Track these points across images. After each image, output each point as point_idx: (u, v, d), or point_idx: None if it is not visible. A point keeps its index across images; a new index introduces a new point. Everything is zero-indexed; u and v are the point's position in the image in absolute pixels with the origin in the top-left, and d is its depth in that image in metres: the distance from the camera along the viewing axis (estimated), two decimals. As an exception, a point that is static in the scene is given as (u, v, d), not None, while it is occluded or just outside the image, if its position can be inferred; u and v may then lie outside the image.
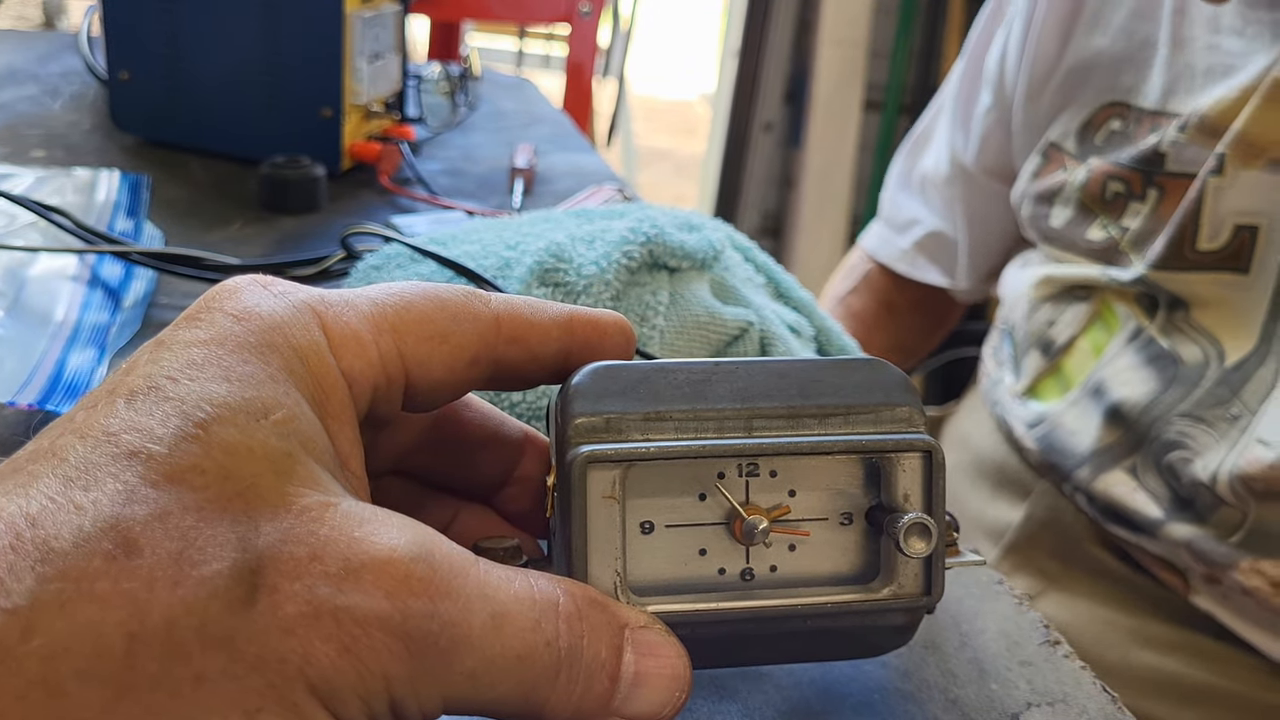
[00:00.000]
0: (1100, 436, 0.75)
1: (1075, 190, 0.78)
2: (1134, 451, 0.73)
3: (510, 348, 0.29)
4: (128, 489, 0.21)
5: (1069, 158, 0.80)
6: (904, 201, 1.05)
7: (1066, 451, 0.77)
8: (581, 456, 0.27)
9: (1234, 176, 0.67)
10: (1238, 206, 0.68)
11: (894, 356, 1.08)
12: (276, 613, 0.21)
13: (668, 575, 0.29)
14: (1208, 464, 0.68)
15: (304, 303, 0.26)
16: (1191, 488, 0.69)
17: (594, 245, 0.52)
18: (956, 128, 0.97)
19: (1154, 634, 0.74)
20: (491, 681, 0.23)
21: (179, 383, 0.23)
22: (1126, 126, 0.76)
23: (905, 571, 0.30)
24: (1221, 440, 0.68)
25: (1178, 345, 0.71)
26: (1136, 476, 0.72)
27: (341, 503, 0.23)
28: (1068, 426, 0.77)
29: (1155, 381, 0.72)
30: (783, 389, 0.29)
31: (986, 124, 0.92)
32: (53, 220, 0.63)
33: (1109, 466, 0.74)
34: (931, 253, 1.01)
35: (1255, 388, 0.67)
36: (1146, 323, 0.74)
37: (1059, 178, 0.80)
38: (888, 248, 1.05)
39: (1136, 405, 0.72)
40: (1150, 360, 0.73)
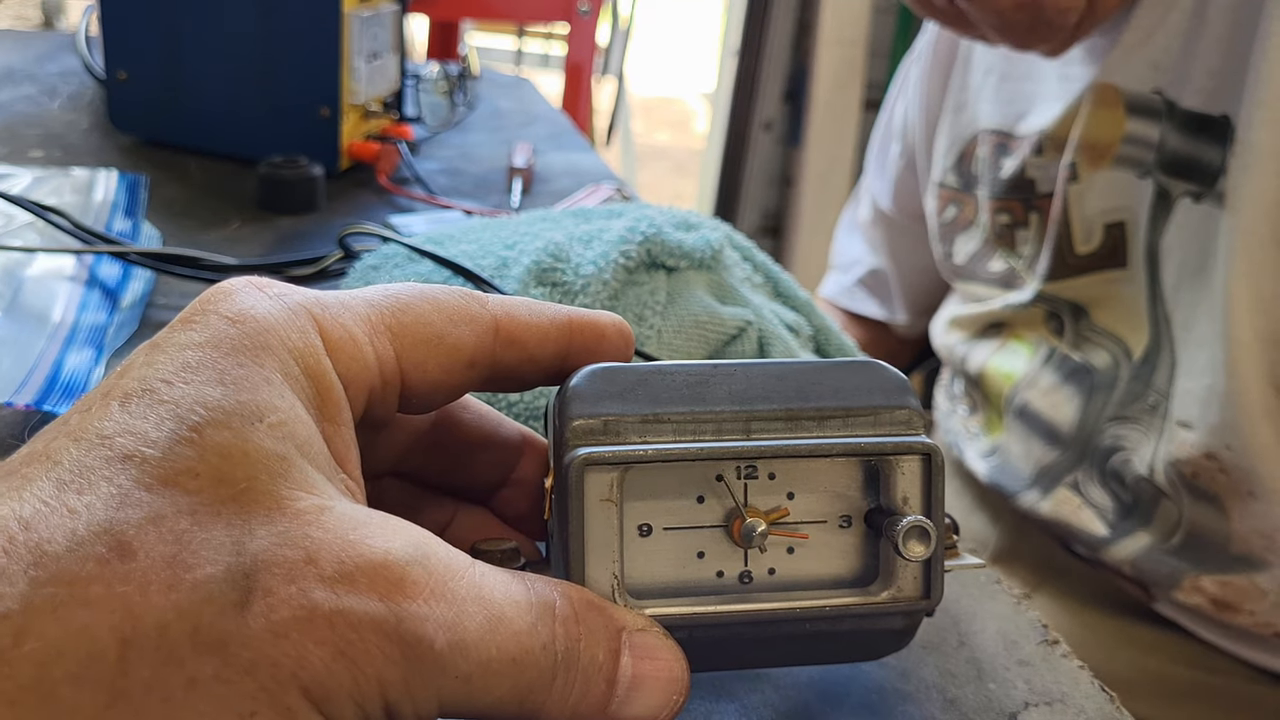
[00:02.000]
0: (1040, 458, 0.78)
1: (981, 229, 0.83)
2: (1075, 467, 0.75)
3: (508, 350, 0.29)
4: (121, 492, 0.21)
5: (953, 191, 0.86)
6: (848, 244, 1.15)
7: (1014, 476, 0.80)
8: (579, 459, 0.27)
9: (1089, 180, 0.71)
10: (1101, 206, 0.72)
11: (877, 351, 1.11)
12: (270, 616, 0.21)
13: (666, 578, 0.29)
14: (1144, 457, 0.70)
15: (299, 305, 0.26)
16: (1135, 485, 0.71)
17: (592, 245, 0.52)
18: (876, 176, 1.06)
19: (1135, 635, 0.75)
20: (487, 685, 0.23)
21: (173, 386, 0.23)
22: (987, 151, 0.82)
23: (904, 574, 0.30)
24: (1149, 431, 0.70)
25: (1088, 355, 0.75)
26: (1080, 492, 0.75)
27: (336, 505, 0.23)
28: (1012, 452, 0.81)
29: (1077, 396, 0.75)
30: (781, 391, 0.29)
31: (897, 170, 1.00)
32: (50, 220, 0.63)
33: (1053, 486, 0.77)
34: (871, 288, 1.09)
35: (1163, 372, 0.69)
36: (1057, 342, 0.77)
37: (951, 213, 0.86)
38: (833, 286, 1.14)
39: (1069, 423, 0.75)
40: (1067, 377, 0.76)
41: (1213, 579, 0.69)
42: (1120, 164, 0.71)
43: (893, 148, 1.02)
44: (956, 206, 0.86)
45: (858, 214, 1.13)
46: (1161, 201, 0.69)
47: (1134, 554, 0.72)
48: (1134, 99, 0.70)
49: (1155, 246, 0.70)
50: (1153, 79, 0.69)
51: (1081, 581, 0.78)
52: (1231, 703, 0.71)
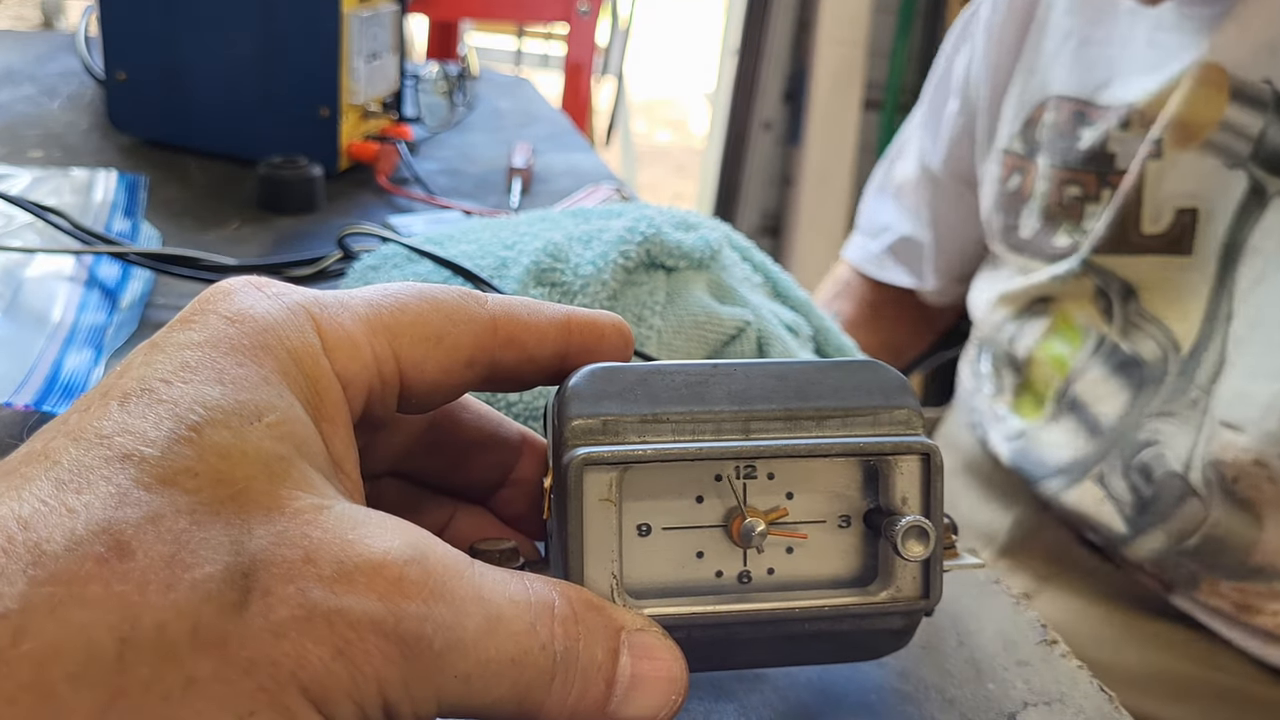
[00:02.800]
0: (1078, 449, 0.76)
1: (1040, 199, 0.79)
2: (1102, 459, 0.74)
3: (507, 349, 0.29)
4: (120, 492, 0.21)
5: (1018, 159, 0.82)
6: (878, 209, 1.09)
7: (1038, 463, 0.79)
8: (578, 458, 0.27)
9: (1172, 159, 0.69)
10: (1177, 190, 0.69)
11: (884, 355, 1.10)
12: (269, 616, 0.21)
13: (665, 578, 0.29)
14: (1179, 453, 0.69)
15: (298, 304, 0.26)
16: (1163, 481, 0.70)
17: (591, 245, 0.52)
18: (927, 133, 1.01)
19: (1145, 631, 0.75)
20: (486, 685, 0.23)
21: (172, 385, 0.23)
22: (1058, 117, 0.78)
23: (903, 574, 0.30)
24: (1186, 426, 0.69)
25: (1137, 345, 0.73)
26: (1104, 485, 0.74)
27: (335, 505, 0.23)
28: (1045, 441, 0.79)
29: (1125, 390, 0.73)
30: (780, 391, 0.29)
31: (954, 130, 0.95)
32: (50, 221, 0.63)
33: (1079, 478, 0.75)
34: (900, 256, 1.05)
35: (1207, 369, 0.68)
36: (1106, 328, 0.75)
37: (1015, 182, 0.82)
38: (860, 252, 1.10)
39: (1112, 416, 0.74)
40: (1117, 369, 0.74)
41: (1231, 585, 0.68)
42: (1209, 149, 0.68)
43: (950, 104, 0.97)
44: (1020, 175, 0.83)
45: (892, 174, 1.08)
46: (1255, 197, 0.67)
47: (1152, 553, 0.71)
48: (1241, 85, 0.67)
49: (1237, 242, 0.68)
50: (1266, 67, 0.66)
51: (1093, 576, 0.78)
52: (1241, 703, 0.71)
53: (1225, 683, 0.72)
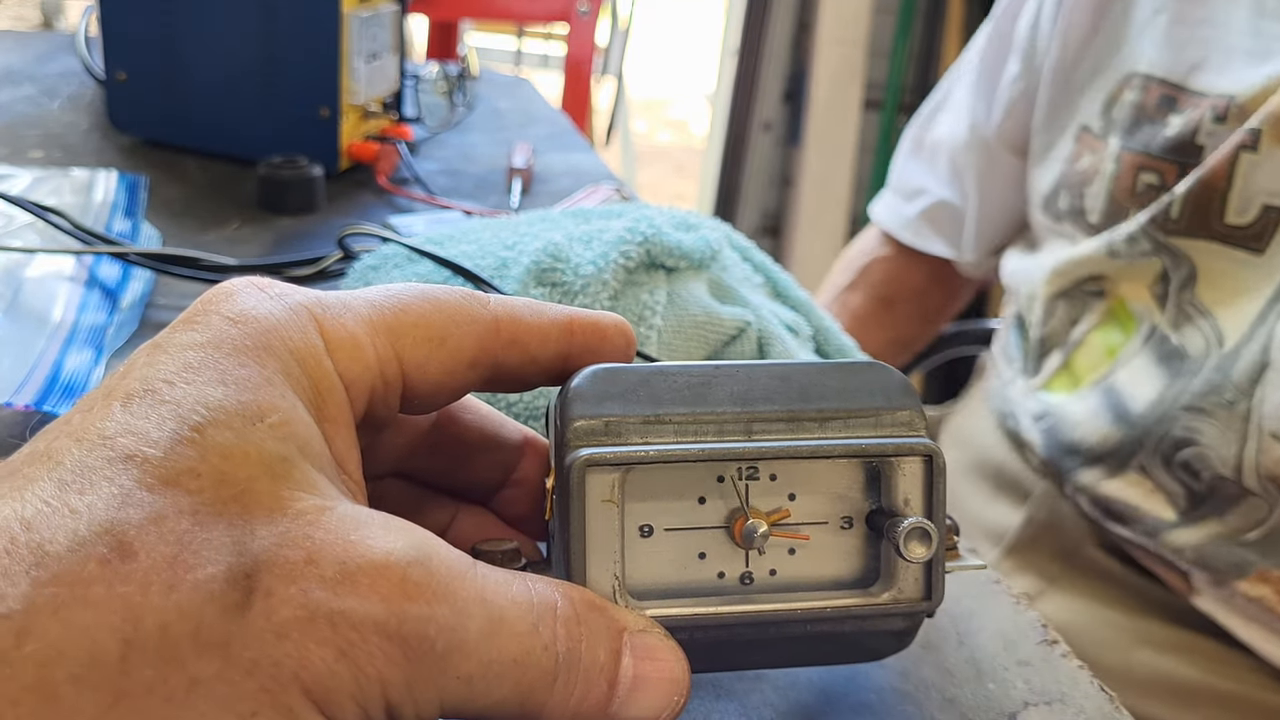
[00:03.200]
0: (1106, 435, 0.74)
1: (1107, 183, 0.75)
2: (1138, 450, 0.72)
3: (509, 350, 0.29)
4: (123, 493, 0.21)
5: (1095, 139, 0.77)
6: (912, 169, 1.03)
7: (1071, 448, 0.76)
8: (580, 459, 0.27)
9: (1268, 153, 0.66)
10: (1269, 186, 0.66)
11: (890, 351, 1.06)
12: (271, 617, 0.21)
13: (667, 579, 0.29)
14: (1225, 458, 0.67)
15: (301, 305, 0.26)
16: (1213, 482, 0.68)
17: (591, 245, 0.52)
18: (979, 95, 0.93)
19: (1154, 635, 0.74)
20: (488, 686, 0.23)
21: (175, 386, 0.23)
22: (1141, 98, 0.74)
23: (905, 576, 0.30)
24: (1227, 430, 0.67)
25: (1185, 338, 0.70)
26: (1150, 477, 0.71)
27: (338, 506, 0.23)
28: (1071, 420, 0.76)
29: (1162, 379, 0.71)
30: (783, 392, 0.29)
31: (1012, 94, 0.88)
32: (50, 221, 0.63)
33: (1119, 469, 0.73)
34: (937, 223, 0.99)
35: (1243, 368, 0.66)
36: (1159, 316, 0.72)
37: (1086, 161, 0.78)
38: (893, 215, 1.03)
39: (1144, 403, 0.71)
40: (1162, 359, 0.71)
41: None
42: None
43: (1010, 66, 0.89)
44: (1092, 155, 0.78)
45: (929, 132, 1.01)
46: None
47: (1199, 541, 0.69)
48: None
49: None
50: None
51: (1103, 578, 0.77)
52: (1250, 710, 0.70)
53: (1234, 690, 0.71)
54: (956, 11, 2.48)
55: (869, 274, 1.06)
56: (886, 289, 1.05)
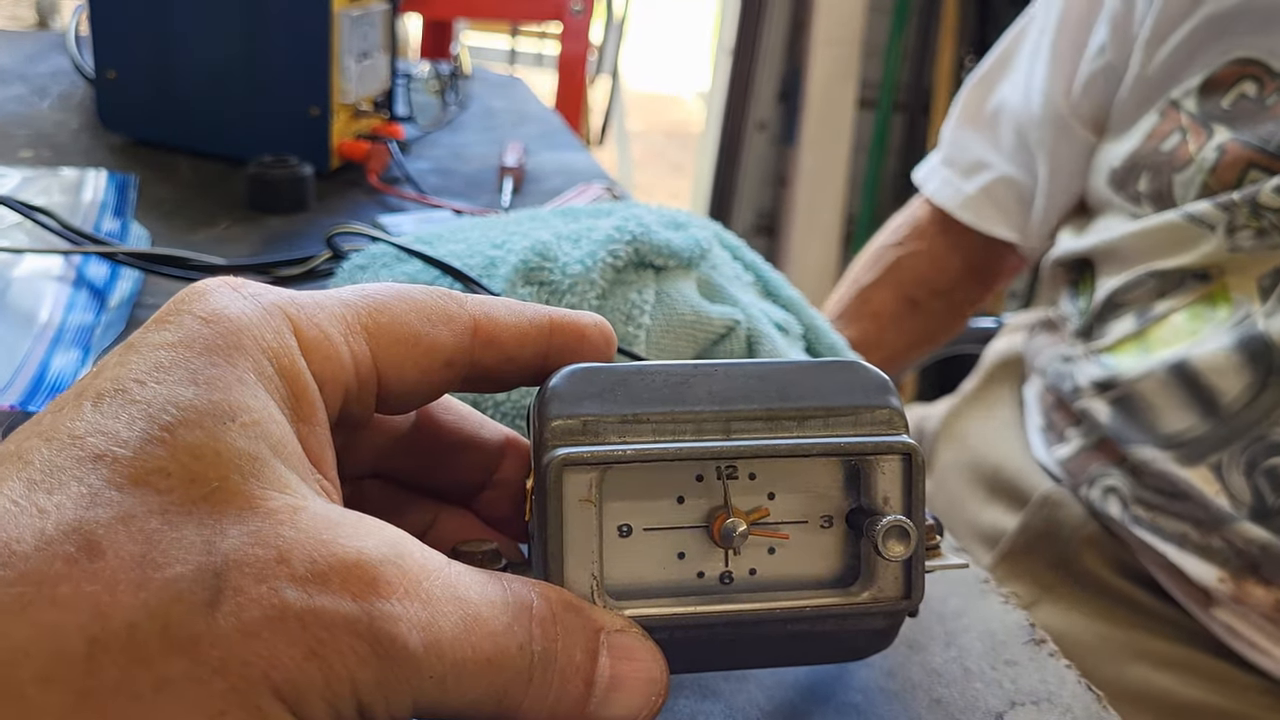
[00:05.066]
0: (1191, 425, 0.70)
1: (1202, 172, 0.71)
2: (1223, 448, 0.69)
3: (486, 350, 0.29)
4: (91, 492, 0.21)
5: (1188, 118, 0.73)
6: (969, 140, 0.95)
7: (1144, 427, 0.72)
8: (557, 459, 0.27)
9: None
10: None
11: (912, 353, 1.02)
12: (241, 615, 0.20)
13: (646, 579, 0.29)
14: None
15: (274, 305, 0.25)
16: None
17: (579, 244, 0.51)
18: (1058, 65, 0.86)
19: (1150, 649, 0.73)
20: (462, 685, 0.23)
21: (146, 386, 0.23)
22: (1263, 95, 0.69)
23: (885, 574, 0.30)
24: None
25: (1271, 325, 0.67)
26: (1221, 476, 0.69)
27: (310, 505, 0.23)
28: (1145, 399, 0.72)
29: (1249, 373, 0.67)
30: (762, 391, 0.29)
31: (1097, 65, 0.82)
32: (38, 220, 0.62)
33: (1194, 460, 0.70)
34: (999, 202, 0.92)
35: None
36: (1257, 306, 0.68)
37: (1174, 142, 0.73)
38: (950, 191, 0.95)
39: (1237, 400, 0.68)
40: (1240, 345, 0.68)
41: None
42: None
43: (1098, 32, 0.82)
44: (1181, 135, 0.73)
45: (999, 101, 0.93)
46: None
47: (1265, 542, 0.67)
48: None
49: None
50: None
51: (1100, 589, 0.76)
52: None
53: (1232, 709, 0.70)
54: (951, 10, 2.48)
55: (899, 270, 0.99)
56: (915, 289, 0.99)
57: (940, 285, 0.99)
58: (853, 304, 1.01)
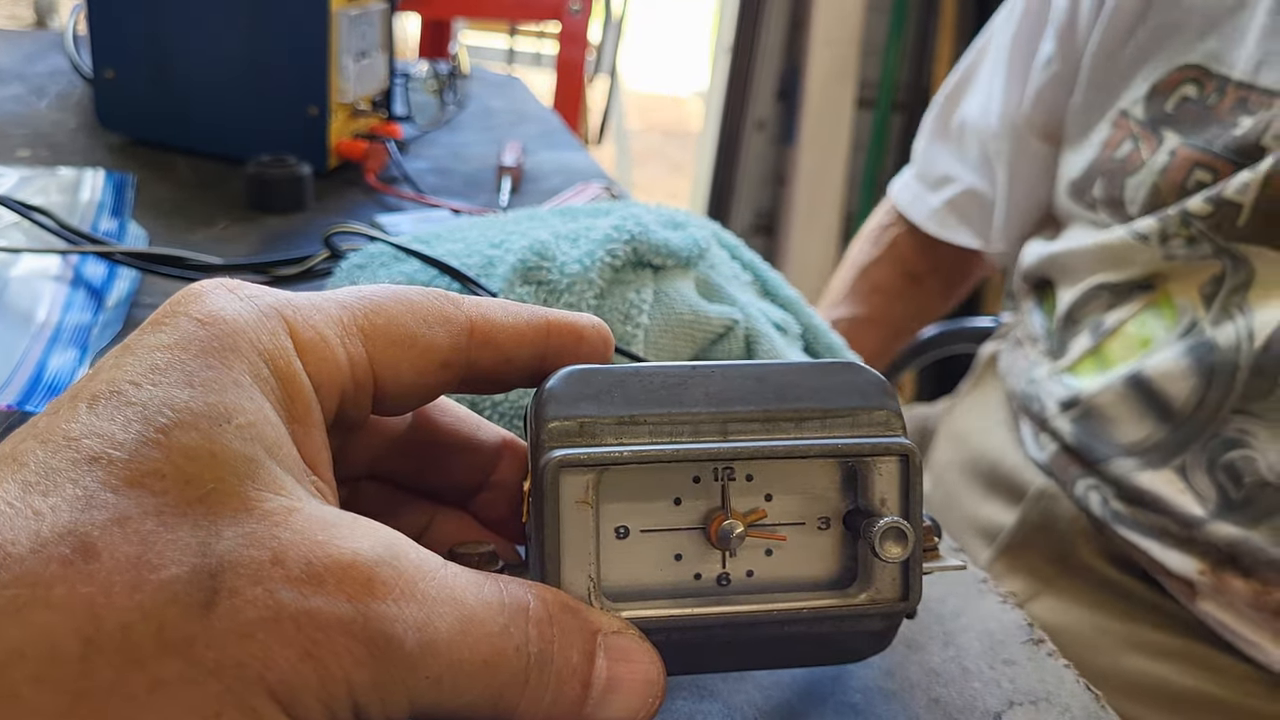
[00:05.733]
0: (1149, 433, 0.72)
1: (1153, 175, 0.73)
2: (1183, 450, 0.70)
3: (483, 351, 0.29)
4: (87, 494, 0.21)
5: (1138, 125, 0.75)
6: (938, 154, 1.00)
7: (1105, 440, 0.74)
8: (554, 461, 0.27)
9: None
10: None
11: (914, 325, 1.05)
12: (236, 617, 0.20)
13: (643, 580, 0.29)
14: (1271, 461, 0.66)
15: (270, 306, 0.25)
16: (1254, 489, 0.67)
17: (578, 243, 0.51)
18: (1013, 78, 0.89)
19: (1146, 640, 0.74)
20: (458, 687, 0.23)
21: (141, 388, 0.23)
22: (1204, 95, 0.71)
23: (882, 576, 0.30)
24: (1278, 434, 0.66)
25: (1218, 332, 0.69)
26: (1185, 477, 0.70)
27: (305, 506, 0.23)
28: (1105, 414, 0.74)
29: (1195, 375, 0.69)
30: (759, 392, 0.29)
31: (1045, 77, 0.85)
32: (36, 220, 0.62)
33: (1157, 464, 0.72)
34: (964, 213, 0.96)
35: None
36: (1203, 313, 0.70)
37: (1127, 149, 0.76)
38: (919, 205, 1.00)
39: (1187, 404, 0.70)
40: (1190, 350, 0.70)
41: None
42: None
43: (1044, 47, 0.85)
44: (1133, 143, 0.75)
45: (954, 116, 0.97)
46: None
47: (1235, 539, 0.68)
48: None
49: None
50: None
51: (1097, 582, 0.76)
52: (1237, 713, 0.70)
53: (1228, 697, 0.70)
54: (949, 9, 2.48)
55: (896, 247, 1.03)
56: (913, 263, 1.02)
57: (935, 259, 1.02)
58: (857, 283, 1.03)
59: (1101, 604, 0.76)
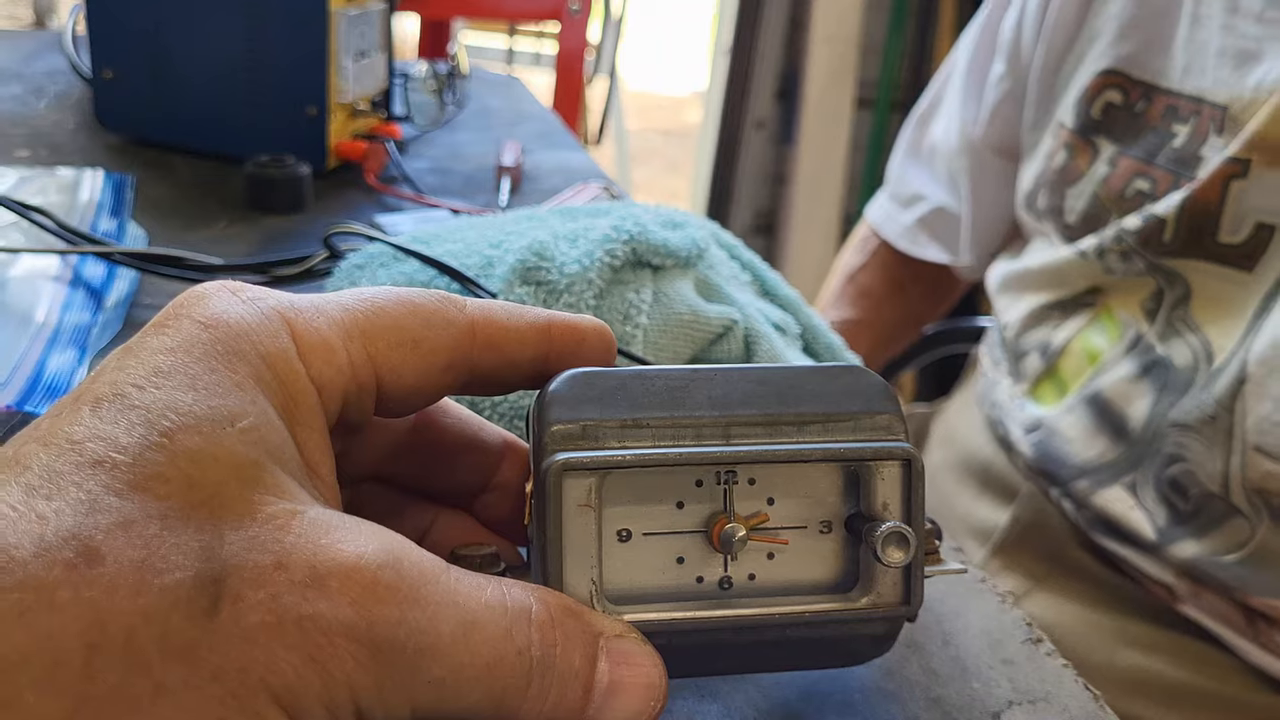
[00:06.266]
0: (1102, 451, 0.73)
1: (1093, 184, 0.74)
2: (1134, 468, 0.72)
3: (486, 353, 0.29)
4: (91, 498, 0.21)
5: (1069, 134, 0.77)
6: (910, 174, 1.02)
7: (1062, 461, 0.76)
8: (557, 464, 0.27)
9: (1258, 178, 0.65)
10: (1261, 204, 0.66)
11: (905, 329, 1.07)
12: (239, 622, 0.20)
13: (645, 584, 0.29)
14: (1211, 474, 0.66)
15: (273, 309, 0.25)
16: (1201, 500, 0.67)
17: (577, 243, 0.51)
18: (969, 98, 0.93)
19: (1139, 635, 0.74)
20: (460, 690, 0.23)
21: (145, 391, 0.22)
22: (1130, 102, 0.73)
23: (884, 580, 0.30)
24: (1212, 447, 0.66)
25: (1171, 350, 0.70)
26: (1135, 494, 0.71)
27: (309, 510, 0.23)
28: (1064, 434, 0.76)
29: (1150, 393, 0.70)
30: (761, 396, 0.29)
31: (997, 95, 0.88)
32: (34, 220, 0.62)
33: (1108, 483, 0.73)
34: (934, 230, 0.99)
35: (1225, 384, 0.66)
36: (1146, 327, 0.72)
37: (1063, 158, 0.77)
38: (891, 224, 1.03)
39: (1138, 420, 0.71)
40: (1145, 369, 0.71)
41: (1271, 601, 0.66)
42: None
43: (995, 67, 0.88)
44: (1069, 152, 0.77)
45: (924, 136, 1.01)
46: None
47: (1188, 560, 0.69)
48: None
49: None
50: None
51: (1089, 579, 0.77)
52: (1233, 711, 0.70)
53: (1219, 690, 0.71)
54: (949, 9, 2.48)
55: (880, 256, 1.05)
56: (898, 270, 1.04)
57: (918, 268, 1.03)
58: (846, 288, 1.05)
59: (1093, 601, 0.77)
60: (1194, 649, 0.72)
